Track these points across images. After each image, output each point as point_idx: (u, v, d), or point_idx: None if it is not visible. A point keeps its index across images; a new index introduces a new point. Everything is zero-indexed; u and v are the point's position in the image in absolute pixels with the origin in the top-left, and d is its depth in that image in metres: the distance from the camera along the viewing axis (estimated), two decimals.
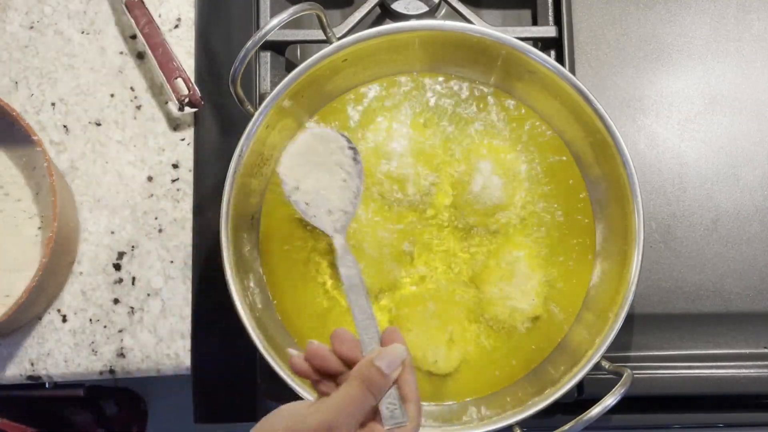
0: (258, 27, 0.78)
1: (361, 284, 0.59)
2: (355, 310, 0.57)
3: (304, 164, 0.66)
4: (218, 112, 0.79)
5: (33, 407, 0.81)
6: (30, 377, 0.74)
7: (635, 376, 0.64)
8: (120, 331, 0.75)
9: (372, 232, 0.71)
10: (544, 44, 0.79)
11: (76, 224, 0.76)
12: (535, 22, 0.82)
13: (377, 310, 0.72)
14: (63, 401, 0.84)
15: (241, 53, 0.64)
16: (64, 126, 0.78)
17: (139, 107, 0.79)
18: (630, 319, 0.73)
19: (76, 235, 0.76)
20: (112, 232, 0.76)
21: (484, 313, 0.71)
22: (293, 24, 0.70)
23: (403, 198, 0.72)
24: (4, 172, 0.73)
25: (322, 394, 0.53)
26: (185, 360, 0.75)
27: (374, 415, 0.52)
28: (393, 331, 0.56)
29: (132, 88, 0.79)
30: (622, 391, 0.62)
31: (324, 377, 0.54)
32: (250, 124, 0.67)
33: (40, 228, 0.72)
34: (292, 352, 0.55)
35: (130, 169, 0.77)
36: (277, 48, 0.79)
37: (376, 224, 0.71)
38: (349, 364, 0.53)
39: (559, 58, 0.78)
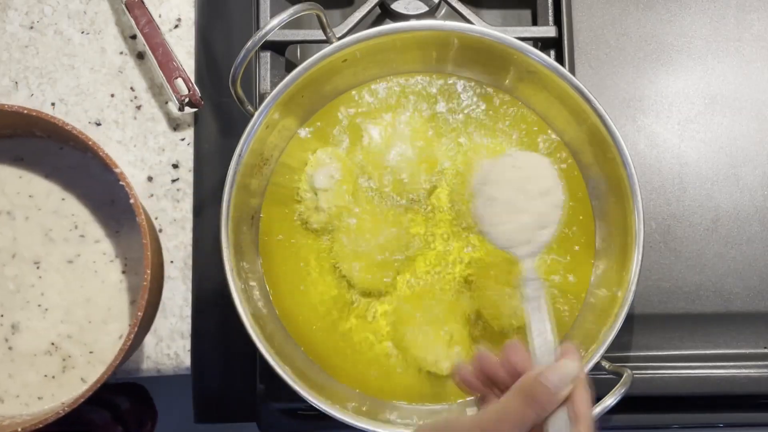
0: (258, 27, 0.78)
1: (545, 307, 0.56)
2: (534, 328, 0.55)
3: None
4: (218, 112, 0.79)
5: None
6: None
7: (635, 376, 0.64)
8: None
9: (371, 233, 0.71)
10: (544, 44, 0.79)
11: (162, 262, 0.67)
12: (535, 22, 0.82)
13: (377, 311, 0.72)
14: None
15: (241, 53, 0.64)
16: None
17: (139, 107, 0.78)
18: (630, 319, 0.73)
19: (163, 272, 0.66)
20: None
21: (485, 312, 0.71)
22: (293, 24, 0.70)
23: (403, 198, 0.72)
24: (80, 211, 0.63)
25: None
26: (185, 360, 0.75)
27: None
28: (569, 349, 0.52)
29: (132, 88, 0.79)
30: (622, 391, 0.62)
31: (491, 391, 0.52)
32: (250, 124, 0.67)
33: (124, 272, 0.63)
34: (460, 363, 0.53)
35: (130, 169, 0.77)
36: (277, 48, 0.79)
37: (376, 224, 0.71)
38: (519, 377, 0.50)
39: (559, 58, 0.78)
